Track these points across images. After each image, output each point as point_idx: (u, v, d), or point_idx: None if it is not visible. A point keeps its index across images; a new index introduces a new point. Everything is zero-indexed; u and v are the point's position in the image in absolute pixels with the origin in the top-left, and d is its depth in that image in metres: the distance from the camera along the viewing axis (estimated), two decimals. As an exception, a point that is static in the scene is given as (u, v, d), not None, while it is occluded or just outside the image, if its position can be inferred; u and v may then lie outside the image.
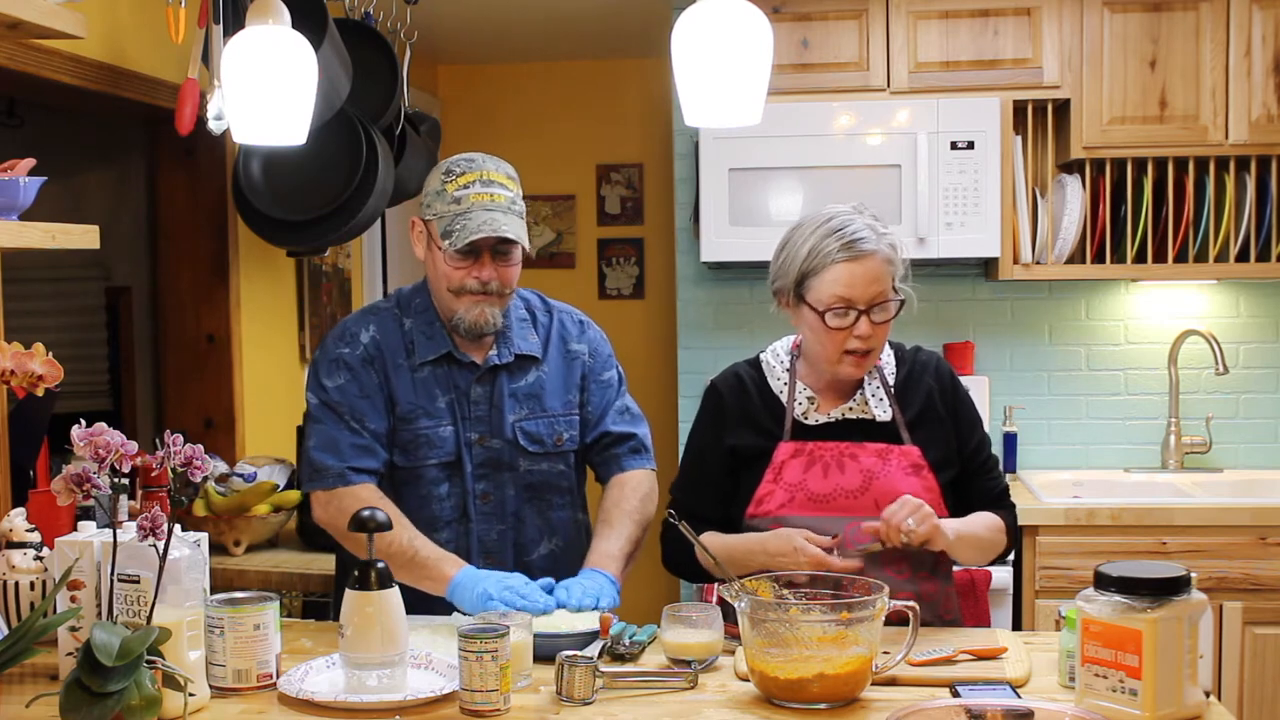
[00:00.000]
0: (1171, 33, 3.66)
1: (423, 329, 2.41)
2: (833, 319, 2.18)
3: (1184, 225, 3.71)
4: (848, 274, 2.16)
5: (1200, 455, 3.94)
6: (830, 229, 2.19)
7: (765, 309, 4.11)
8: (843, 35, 3.76)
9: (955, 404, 2.31)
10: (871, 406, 2.27)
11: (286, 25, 2.16)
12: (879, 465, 2.23)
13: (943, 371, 2.34)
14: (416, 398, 2.37)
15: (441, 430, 2.37)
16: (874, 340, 2.20)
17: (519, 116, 5.31)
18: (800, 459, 2.25)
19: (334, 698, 1.86)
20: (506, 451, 2.40)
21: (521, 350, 2.44)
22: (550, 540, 2.46)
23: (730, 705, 1.87)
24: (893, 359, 2.33)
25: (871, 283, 2.17)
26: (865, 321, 2.17)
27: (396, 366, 2.38)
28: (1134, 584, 1.75)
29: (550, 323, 2.51)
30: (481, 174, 2.34)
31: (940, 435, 2.28)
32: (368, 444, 2.35)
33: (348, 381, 2.37)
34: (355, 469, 2.33)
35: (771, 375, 2.34)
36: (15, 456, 2.65)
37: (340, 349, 2.39)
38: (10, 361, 2.11)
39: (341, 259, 4.31)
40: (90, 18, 2.48)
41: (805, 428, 2.28)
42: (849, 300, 2.16)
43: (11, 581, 2.13)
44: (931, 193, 3.63)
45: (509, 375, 2.43)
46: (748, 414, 2.32)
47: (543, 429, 2.44)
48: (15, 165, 2.16)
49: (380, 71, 3.59)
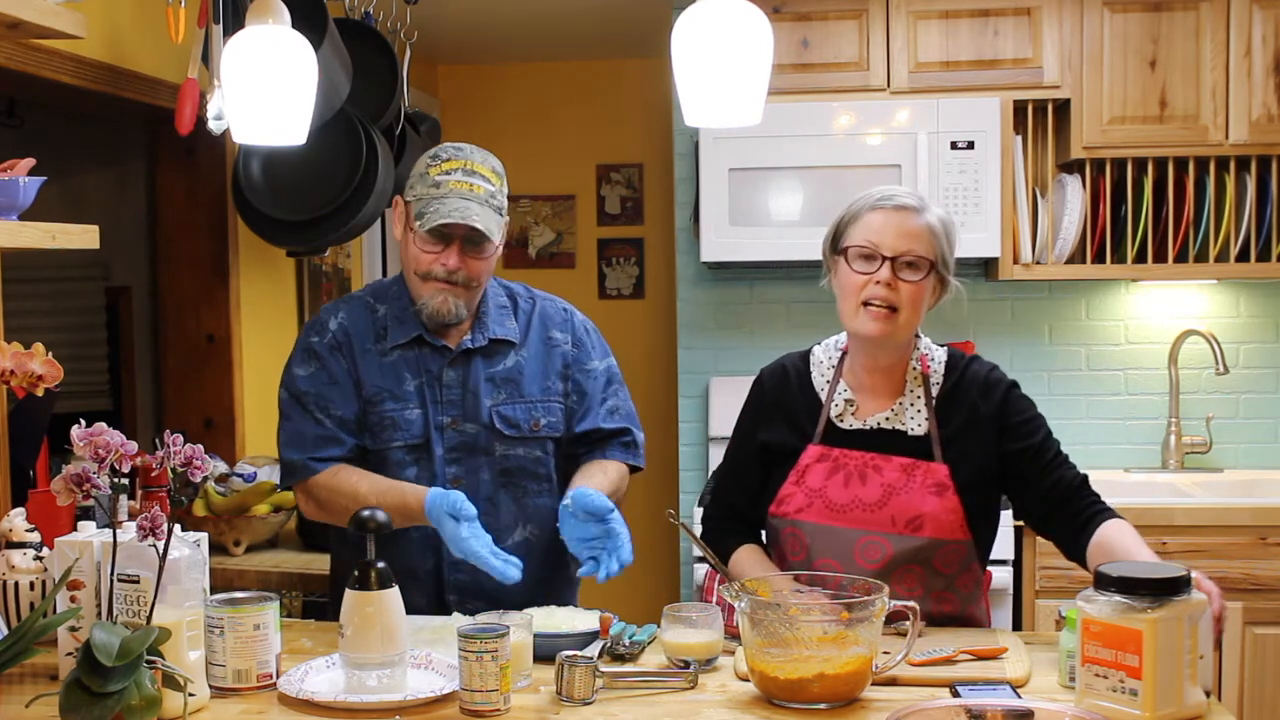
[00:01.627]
0: (1171, 33, 3.66)
1: (396, 314, 2.43)
2: (857, 261, 2.18)
3: (1184, 225, 3.71)
4: (879, 219, 2.18)
5: (1200, 455, 3.95)
6: (875, 190, 2.24)
7: (765, 309, 4.14)
8: (843, 35, 3.76)
9: (1007, 419, 2.23)
10: (908, 419, 2.24)
11: (286, 25, 2.16)
12: (902, 480, 2.20)
13: (991, 387, 2.25)
14: (383, 381, 2.39)
15: (407, 413, 2.38)
16: (897, 298, 2.16)
17: (519, 116, 5.31)
18: (824, 464, 2.24)
19: (334, 698, 1.86)
20: (482, 436, 2.40)
21: (497, 335, 2.44)
22: (525, 527, 2.44)
23: (730, 705, 1.87)
24: (943, 367, 2.27)
25: (902, 236, 2.16)
26: (888, 268, 2.15)
27: (364, 351, 2.41)
28: (1134, 584, 1.75)
29: (532, 309, 2.51)
30: (466, 163, 2.36)
31: (976, 454, 2.21)
32: (330, 432, 2.37)
33: (317, 370, 2.40)
34: (318, 459, 2.37)
35: (818, 370, 2.32)
36: (15, 456, 2.65)
37: (311, 338, 2.44)
38: (10, 361, 2.11)
39: (341, 259, 4.31)
40: (90, 18, 2.48)
41: (837, 432, 2.26)
42: (875, 245, 2.16)
43: (11, 581, 2.13)
44: (931, 193, 3.63)
45: (485, 359, 2.43)
46: (785, 408, 2.31)
47: (520, 414, 2.43)
48: (15, 165, 2.16)
49: (380, 71, 3.59)
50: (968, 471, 2.20)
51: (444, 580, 2.38)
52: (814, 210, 3.67)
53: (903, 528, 2.18)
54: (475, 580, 2.33)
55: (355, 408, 2.39)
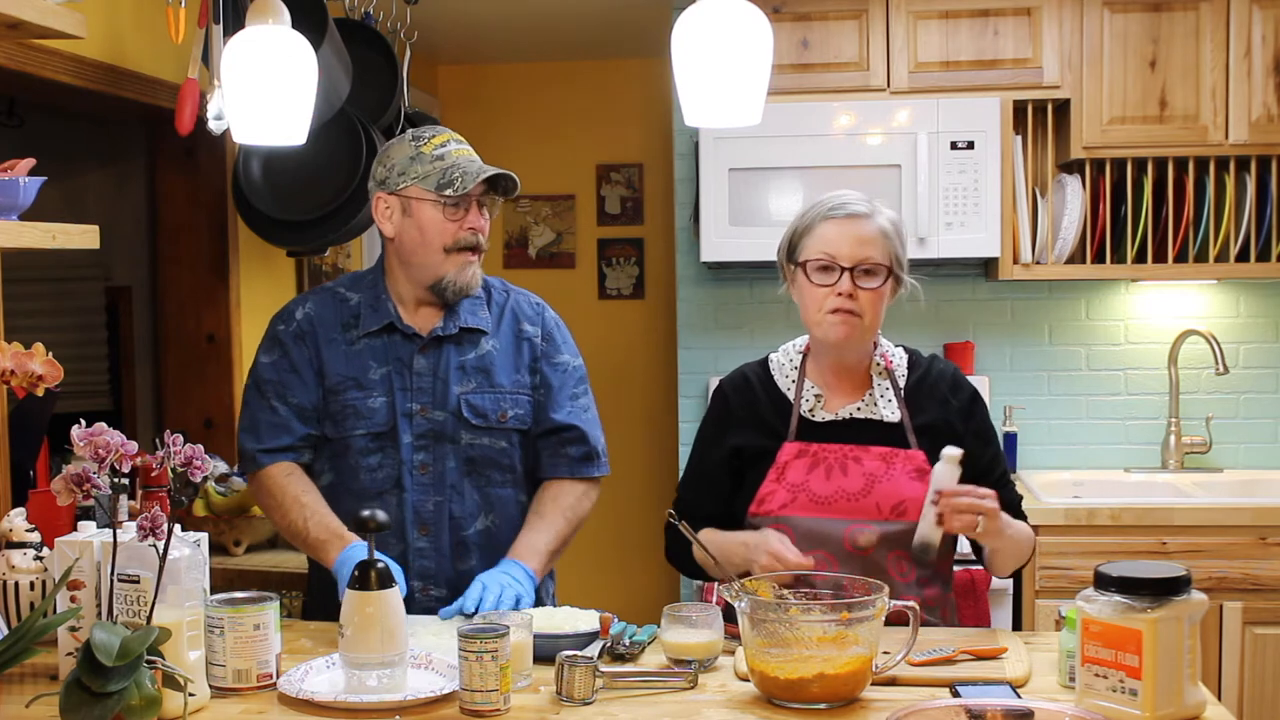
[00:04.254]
0: (1171, 33, 3.66)
1: (370, 302, 2.46)
2: (816, 274, 2.20)
3: (1184, 225, 3.71)
4: (834, 230, 2.20)
5: (1200, 455, 3.95)
6: (825, 199, 2.26)
7: (765, 309, 4.14)
8: (843, 35, 3.76)
9: (974, 422, 2.29)
10: (880, 407, 2.27)
11: (286, 25, 2.16)
12: (882, 469, 2.22)
13: (961, 386, 2.32)
14: (348, 369, 2.43)
15: (371, 401, 2.41)
16: (860, 304, 2.19)
17: (519, 116, 5.31)
18: (804, 460, 2.25)
19: (334, 698, 1.86)
20: (449, 423, 2.42)
21: (468, 324, 2.45)
22: (488, 516, 2.45)
23: (730, 705, 1.87)
24: (905, 362, 2.32)
25: (858, 244, 2.19)
26: (848, 279, 2.18)
27: (329, 340, 2.44)
28: (1134, 584, 1.75)
29: (506, 301, 2.53)
30: (451, 135, 2.44)
31: (950, 443, 2.21)
32: (282, 420, 2.42)
33: (280, 357, 2.45)
34: (267, 450, 2.42)
35: (779, 374, 2.34)
36: (15, 456, 2.65)
37: (277, 326, 2.49)
38: (10, 361, 2.11)
39: (341, 259, 4.31)
40: (90, 18, 2.48)
41: (812, 426, 2.28)
42: (832, 256, 2.19)
43: (11, 581, 2.13)
44: (931, 193, 3.63)
45: (456, 347, 2.44)
46: (753, 413, 2.32)
47: (488, 403, 2.44)
48: (15, 165, 2.16)
49: (380, 71, 3.60)
50: None
51: (409, 567, 2.39)
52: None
53: (888, 514, 2.21)
54: (439, 567, 2.40)
55: (314, 397, 2.43)
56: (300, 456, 2.44)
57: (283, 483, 2.40)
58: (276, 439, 2.42)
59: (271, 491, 2.41)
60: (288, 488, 2.40)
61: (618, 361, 5.17)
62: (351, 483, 2.42)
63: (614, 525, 4.67)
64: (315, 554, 2.36)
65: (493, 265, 5.21)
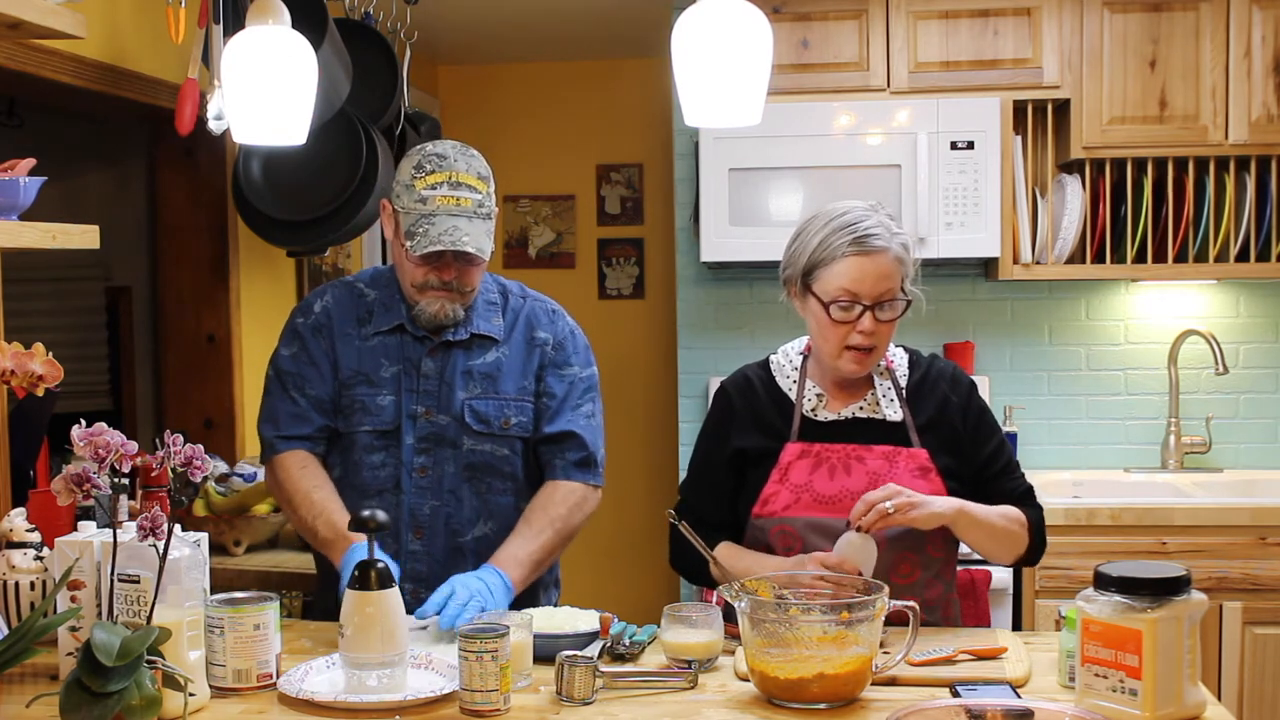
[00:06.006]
0: (1171, 33, 3.66)
1: (385, 300, 2.46)
2: (837, 312, 2.17)
3: (1184, 225, 3.71)
4: (856, 268, 2.15)
5: (1200, 455, 3.95)
6: (843, 223, 2.18)
7: (765, 309, 4.14)
8: (843, 35, 3.76)
9: (972, 416, 2.28)
10: (882, 407, 2.26)
11: (286, 25, 2.16)
12: (886, 468, 2.22)
13: (959, 381, 2.31)
14: (360, 365, 2.43)
15: (380, 399, 2.41)
16: (877, 338, 2.19)
17: (519, 116, 5.31)
18: (807, 460, 2.25)
19: (334, 698, 1.86)
20: (451, 428, 2.42)
21: (480, 330, 2.45)
22: (486, 523, 2.44)
23: (730, 705, 1.87)
24: (905, 361, 2.32)
25: (880, 279, 2.16)
26: (869, 318, 2.16)
27: (344, 335, 2.45)
28: (1134, 584, 1.75)
29: (521, 308, 2.52)
30: (451, 175, 2.34)
31: (952, 445, 2.25)
32: (302, 411, 2.44)
33: (299, 350, 2.47)
34: (285, 437, 2.43)
35: (780, 375, 2.33)
36: (15, 456, 2.65)
37: (297, 319, 2.51)
38: (10, 361, 2.11)
39: (341, 259, 4.31)
40: (90, 18, 2.48)
41: (815, 426, 2.27)
42: (855, 294, 2.16)
43: (11, 581, 2.13)
44: (931, 193, 3.63)
45: (465, 353, 2.44)
46: (756, 414, 2.31)
47: (491, 410, 2.43)
48: (15, 165, 2.16)
49: (380, 71, 3.60)
50: (945, 457, 2.24)
51: (401, 569, 2.39)
52: (814, 210, 3.66)
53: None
54: (431, 571, 2.40)
55: (330, 389, 2.45)
56: (316, 446, 2.45)
57: (296, 475, 2.40)
58: (294, 427, 2.44)
59: (284, 484, 2.41)
60: (300, 482, 2.40)
61: (618, 362, 5.16)
62: (355, 478, 2.43)
63: (614, 525, 4.67)
64: (324, 552, 2.37)
65: (493, 265, 5.19)
